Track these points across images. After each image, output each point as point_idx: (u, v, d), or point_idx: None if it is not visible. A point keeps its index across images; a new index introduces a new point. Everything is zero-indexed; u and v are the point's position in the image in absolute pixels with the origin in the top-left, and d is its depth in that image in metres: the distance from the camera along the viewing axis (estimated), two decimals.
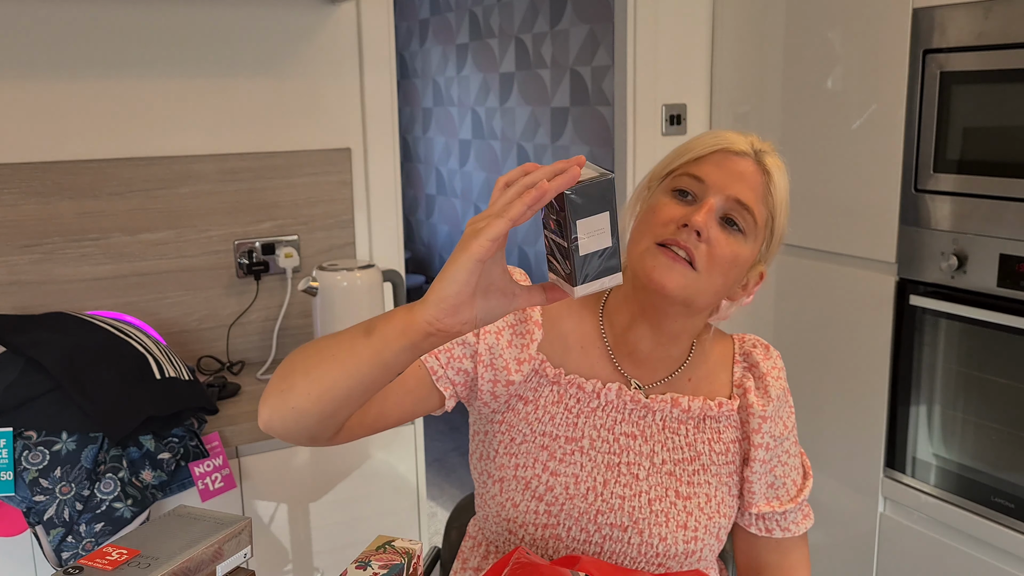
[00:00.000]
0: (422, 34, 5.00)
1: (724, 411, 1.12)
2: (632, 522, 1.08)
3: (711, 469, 1.12)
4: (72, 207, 1.97)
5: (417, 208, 5.39)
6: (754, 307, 2.51)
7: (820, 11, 2.19)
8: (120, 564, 0.83)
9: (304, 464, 1.84)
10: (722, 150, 1.05)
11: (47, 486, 1.50)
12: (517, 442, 1.11)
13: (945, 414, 1.99)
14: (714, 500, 1.11)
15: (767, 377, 1.13)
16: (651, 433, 1.11)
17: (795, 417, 1.17)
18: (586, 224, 0.78)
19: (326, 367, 0.89)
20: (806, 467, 1.20)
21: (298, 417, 0.92)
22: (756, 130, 2.42)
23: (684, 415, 1.11)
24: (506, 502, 1.11)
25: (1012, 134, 1.77)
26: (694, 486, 1.11)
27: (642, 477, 1.10)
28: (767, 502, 1.14)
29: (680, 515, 1.09)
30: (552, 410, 1.11)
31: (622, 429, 1.11)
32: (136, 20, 1.98)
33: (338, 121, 2.21)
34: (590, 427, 1.10)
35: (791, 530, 1.16)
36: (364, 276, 1.95)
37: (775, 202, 1.06)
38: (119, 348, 1.67)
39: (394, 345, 0.84)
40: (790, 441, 1.16)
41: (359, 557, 0.91)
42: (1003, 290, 1.82)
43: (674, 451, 1.11)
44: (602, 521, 1.08)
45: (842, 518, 2.27)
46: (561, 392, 1.11)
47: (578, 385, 1.11)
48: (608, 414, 1.11)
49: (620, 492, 1.09)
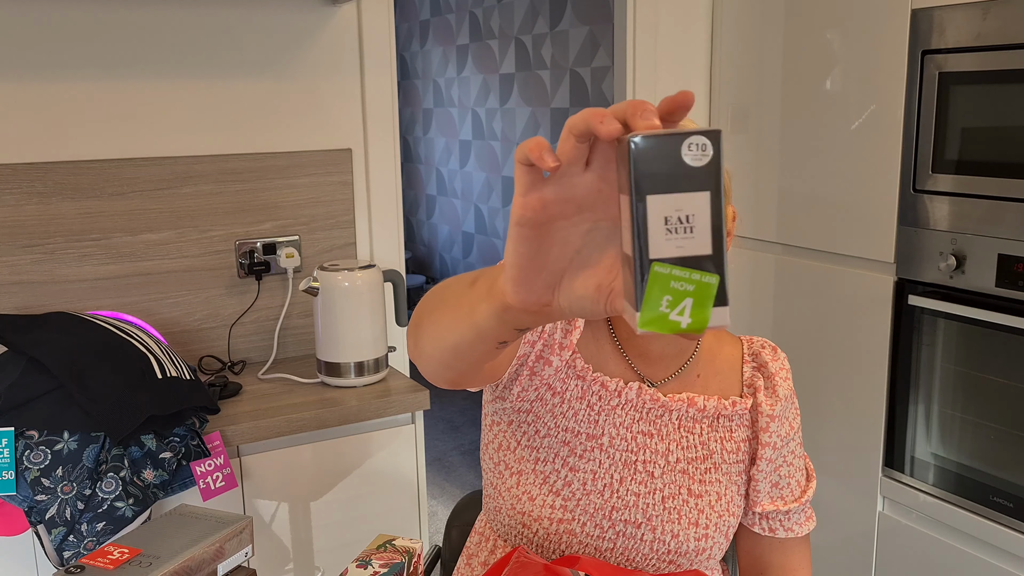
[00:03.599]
0: (423, 35, 5.00)
1: (737, 410, 1.14)
2: (646, 519, 1.10)
3: (722, 468, 1.13)
4: (74, 207, 1.98)
5: (418, 208, 5.40)
6: (754, 307, 2.51)
7: (819, 12, 2.20)
8: (121, 563, 0.83)
9: (305, 463, 1.85)
10: None
11: (49, 485, 1.51)
12: (541, 435, 1.12)
13: (944, 414, 1.99)
14: (724, 499, 1.12)
15: (775, 377, 1.15)
16: (667, 432, 1.12)
17: (800, 419, 1.18)
18: (662, 205, 0.48)
19: (439, 314, 0.80)
20: (809, 469, 1.21)
21: (427, 363, 0.85)
22: (755, 130, 2.43)
23: (699, 414, 1.13)
24: (522, 495, 1.11)
25: (1010, 134, 1.77)
26: (706, 484, 1.12)
27: (657, 475, 1.11)
28: (771, 501, 1.15)
29: (692, 513, 1.11)
30: (576, 406, 1.12)
31: (640, 428, 1.12)
32: (138, 21, 1.99)
33: (339, 122, 2.22)
34: (610, 425, 1.11)
35: (794, 530, 1.17)
36: (365, 276, 1.96)
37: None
38: (121, 348, 1.68)
39: (482, 308, 0.70)
40: (796, 442, 1.17)
41: (360, 556, 0.91)
42: (1001, 290, 1.82)
43: (688, 449, 1.12)
44: (616, 518, 1.10)
45: (841, 517, 2.27)
46: (585, 388, 1.12)
47: (602, 383, 1.12)
48: (627, 412, 1.12)
49: (635, 489, 1.10)
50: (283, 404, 1.87)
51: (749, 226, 2.50)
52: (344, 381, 1.96)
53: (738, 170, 2.52)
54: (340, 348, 1.95)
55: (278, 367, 2.13)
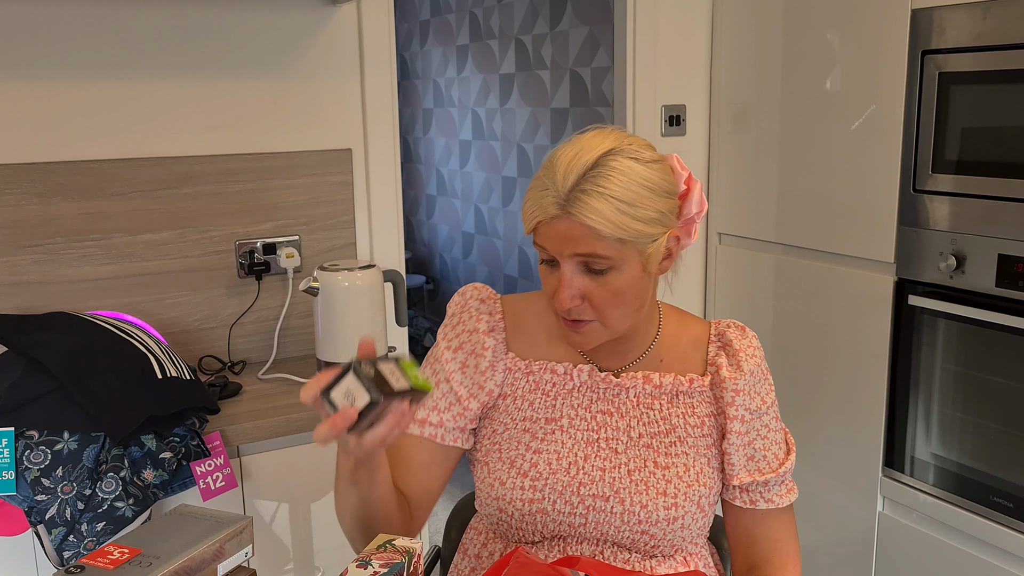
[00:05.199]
0: (422, 35, 5.01)
1: (696, 387, 1.18)
2: (613, 492, 1.14)
3: (688, 441, 1.17)
4: (74, 208, 1.98)
5: (418, 208, 5.40)
6: (754, 307, 2.51)
7: (819, 12, 2.20)
8: (121, 563, 0.83)
9: (305, 463, 1.85)
10: (539, 223, 1.06)
11: (49, 485, 1.51)
12: (500, 432, 1.19)
13: (944, 414, 1.99)
14: (692, 470, 1.16)
15: (740, 353, 1.17)
16: (626, 409, 1.17)
17: (775, 394, 1.23)
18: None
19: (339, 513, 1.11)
20: (789, 442, 1.23)
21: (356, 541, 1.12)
22: (755, 130, 2.43)
23: (657, 391, 1.17)
24: (494, 481, 1.17)
25: (1010, 134, 1.78)
26: (672, 456, 1.16)
27: (620, 451, 1.16)
28: (748, 473, 1.18)
29: (659, 483, 1.14)
30: (530, 397, 1.18)
31: (599, 407, 1.18)
32: (139, 21, 1.99)
33: (339, 122, 2.22)
34: (568, 407, 1.17)
35: (774, 502, 1.19)
36: (365, 276, 1.96)
37: (610, 231, 1.02)
38: (121, 348, 1.68)
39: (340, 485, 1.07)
40: (770, 416, 1.19)
41: (360, 556, 0.91)
42: (1001, 290, 1.82)
43: (650, 424, 1.17)
44: (584, 492, 1.14)
45: (841, 517, 2.27)
46: (536, 380, 1.18)
47: (551, 370, 1.18)
48: (584, 394, 1.18)
49: (600, 465, 1.15)
50: (283, 404, 1.87)
51: (749, 226, 2.50)
52: None
53: (738, 170, 2.52)
54: (340, 348, 1.95)
55: (278, 367, 2.13)
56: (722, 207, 2.60)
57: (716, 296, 2.66)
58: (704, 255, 2.69)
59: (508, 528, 1.18)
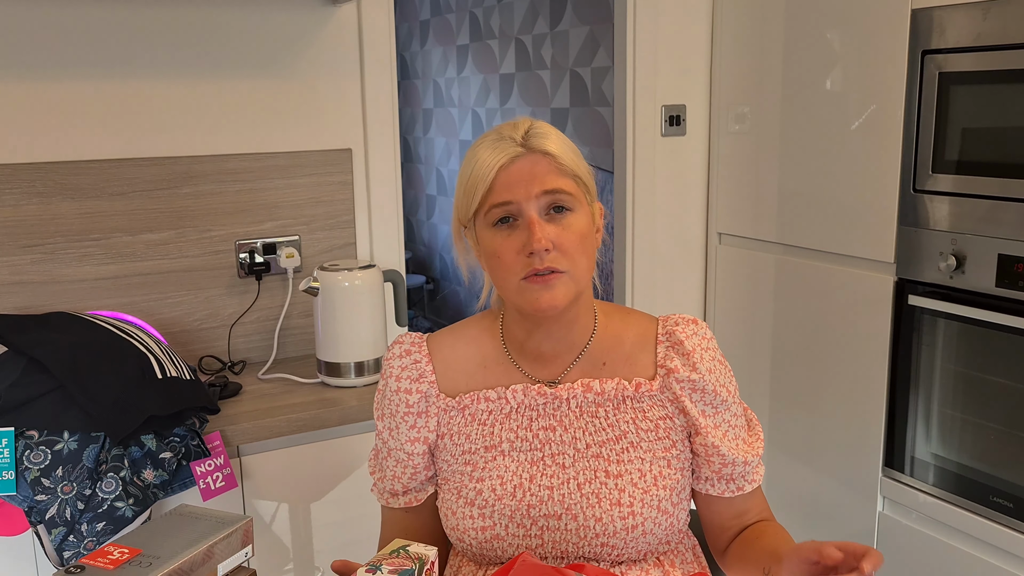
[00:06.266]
0: (423, 35, 5.01)
1: (643, 392, 1.15)
2: (564, 509, 1.12)
3: (642, 445, 1.15)
4: (74, 207, 1.98)
5: (418, 209, 5.40)
6: (754, 307, 2.51)
7: (819, 12, 2.20)
8: (121, 563, 0.83)
9: (305, 464, 1.85)
10: (500, 167, 1.09)
11: (49, 485, 1.51)
12: (445, 470, 1.19)
13: (944, 414, 1.99)
14: (649, 474, 1.14)
15: (694, 354, 1.16)
16: (569, 421, 1.15)
17: (735, 380, 1.22)
18: None
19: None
20: (753, 422, 1.22)
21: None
22: (755, 131, 2.43)
23: (599, 398, 1.15)
24: (448, 512, 1.17)
25: (1011, 135, 1.78)
26: (624, 463, 1.14)
27: (568, 464, 1.14)
28: (725, 465, 1.17)
29: (612, 493, 1.12)
30: (467, 430, 1.17)
31: (540, 424, 1.16)
32: (139, 21, 1.99)
33: (339, 122, 2.22)
34: (507, 431, 1.16)
35: (744, 488, 1.19)
36: (365, 276, 1.96)
37: (568, 162, 1.10)
38: (121, 348, 1.68)
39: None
40: (734, 405, 1.19)
41: (372, 560, 0.91)
42: (1001, 290, 1.82)
43: (597, 433, 1.15)
44: (535, 514, 1.13)
45: (841, 517, 2.28)
46: (471, 412, 1.17)
47: (484, 398, 1.17)
48: (523, 414, 1.16)
49: (548, 483, 1.13)
50: (283, 404, 1.87)
51: (749, 226, 2.50)
52: (344, 381, 1.97)
53: (738, 170, 2.52)
54: (340, 348, 1.95)
55: (278, 367, 2.13)
56: (722, 207, 2.60)
57: (716, 296, 2.67)
58: (704, 255, 2.69)
59: (470, 555, 1.18)
